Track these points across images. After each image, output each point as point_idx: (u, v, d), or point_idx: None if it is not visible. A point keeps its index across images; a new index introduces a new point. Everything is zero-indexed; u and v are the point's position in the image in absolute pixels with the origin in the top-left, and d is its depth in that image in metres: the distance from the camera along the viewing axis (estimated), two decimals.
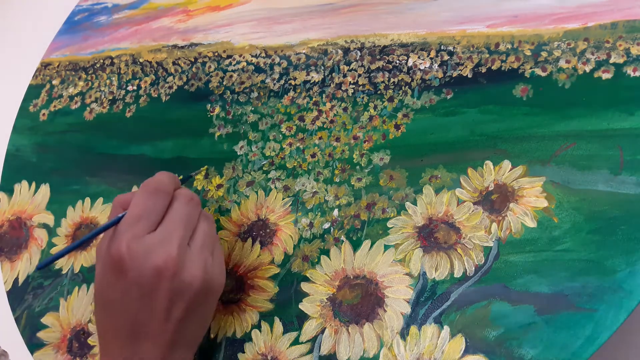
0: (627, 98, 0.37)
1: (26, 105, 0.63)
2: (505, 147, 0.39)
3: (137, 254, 0.35)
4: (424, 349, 0.35)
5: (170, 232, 0.37)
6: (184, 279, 0.36)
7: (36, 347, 0.49)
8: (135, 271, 0.35)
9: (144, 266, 0.35)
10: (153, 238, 0.36)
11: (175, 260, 0.35)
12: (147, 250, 0.35)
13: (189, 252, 0.37)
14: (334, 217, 0.42)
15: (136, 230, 0.36)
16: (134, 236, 0.36)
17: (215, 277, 0.38)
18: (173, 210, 0.38)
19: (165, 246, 0.36)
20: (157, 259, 0.35)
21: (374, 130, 0.44)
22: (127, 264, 0.35)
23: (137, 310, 0.36)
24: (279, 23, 0.53)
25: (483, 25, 0.44)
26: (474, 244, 0.37)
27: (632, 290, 0.32)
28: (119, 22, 0.62)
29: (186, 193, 0.40)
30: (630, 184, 0.35)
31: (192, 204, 0.39)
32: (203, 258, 0.37)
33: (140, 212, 0.37)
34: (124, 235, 0.36)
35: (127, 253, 0.35)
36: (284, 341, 0.39)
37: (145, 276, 0.35)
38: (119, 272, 0.36)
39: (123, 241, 0.36)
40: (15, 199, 0.57)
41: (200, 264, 0.37)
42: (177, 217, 0.38)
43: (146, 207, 0.37)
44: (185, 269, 0.36)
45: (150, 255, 0.35)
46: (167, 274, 0.35)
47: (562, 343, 0.32)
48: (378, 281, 0.38)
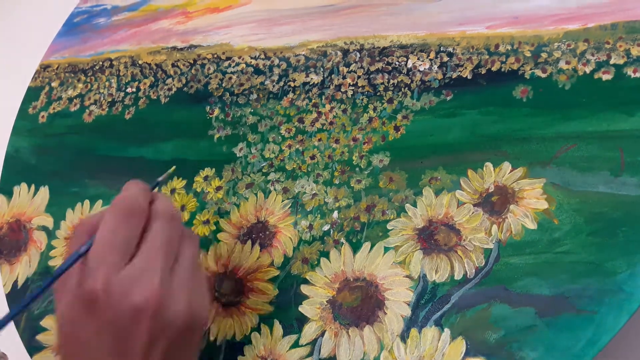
0: (627, 99, 0.37)
1: (25, 107, 0.63)
2: (506, 148, 0.39)
3: (115, 290, 0.31)
4: (425, 351, 0.35)
5: (150, 261, 0.32)
6: (166, 317, 0.31)
7: (35, 349, 0.49)
8: (111, 310, 0.31)
9: (121, 304, 0.31)
10: (131, 270, 0.32)
11: (157, 296, 0.31)
12: (125, 285, 0.31)
13: (172, 284, 0.32)
14: (334, 219, 0.42)
15: (112, 263, 0.31)
16: (110, 269, 0.31)
17: (200, 311, 0.34)
18: (152, 233, 0.33)
19: (146, 279, 0.31)
20: (137, 296, 0.31)
21: (373, 132, 0.44)
22: (101, 301, 0.31)
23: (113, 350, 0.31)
24: (278, 25, 0.53)
25: (483, 27, 0.44)
26: (474, 246, 0.37)
27: (633, 292, 0.32)
28: (118, 24, 0.62)
29: (165, 209, 0.35)
30: (631, 185, 0.34)
31: (174, 223, 0.35)
32: (187, 290, 0.33)
33: (113, 240, 0.32)
34: (100, 269, 0.31)
35: (103, 290, 0.31)
36: (284, 344, 0.39)
37: (122, 316, 0.31)
38: (92, 310, 0.31)
39: (99, 276, 0.31)
40: (14, 202, 0.57)
41: (184, 298, 0.32)
42: (157, 242, 0.33)
43: (119, 233, 0.33)
44: (168, 305, 0.32)
45: (129, 292, 0.31)
46: (147, 314, 0.31)
47: (563, 345, 0.32)
48: (378, 283, 0.38)
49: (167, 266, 0.33)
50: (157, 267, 0.32)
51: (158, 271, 0.32)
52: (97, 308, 0.31)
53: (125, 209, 0.34)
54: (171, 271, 0.33)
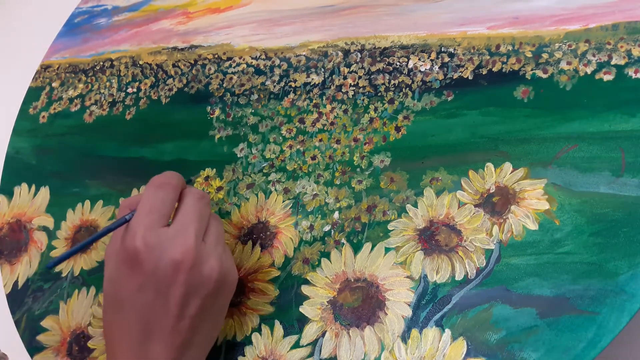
0: (628, 100, 0.37)
1: (26, 108, 0.63)
2: (507, 149, 0.39)
3: (154, 246, 0.35)
4: (426, 352, 0.35)
5: (185, 226, 0.36)
6: (202, 272, 0.35)
7: (36, 350, 0.49)
8: (151, 263, 0.34)
9: (161, 258, 0.34)
10: (168, 231, 0.35)
11: (193, 252, 0.35)
12: (163, 242, 0.35)
13: (204, 246, 0.36)
14: (335, 220, 0.42)
15: (150, 223, 0.35)
16: (148, 229, 0.35)
17: (231, 271, 0.38)
18: (185, 205, 0.38)
19: (181, 239, 0.35)
20: (174, 252, 0.34)
21: (374, 133, 0.44)
22: (142, 256, 0.34)
23: (151, 306, 0.35)
24: (279, 25, 0.53)
25: (484, 27, 0.44)
26: (475, 246, 0.37)
27: (634, 293, 0.32)
28: (118, 24, 0.62)
29: (196, 191, 0.39)
30: (632, 186, 0.34)
31: (204, 201, 0.39)
32: (218, 252, 0.37)
33: (151, 206, 0.36)
34: (139, 229, 0.35)
35: (143, 245, 0.35)
36: (285, 344, 0.39)
37: (162, 269, 0.34)
38: (135, 265, 0.35)
39: (138, 234, 0.35)
40: (15, 202, 0.57)
41: (217, 257, 0.36)
42: (190, 212, 0.37)
43: (156, 200, 0.37)
44: (203, 261, 0.35)
45: (167, 248, 0.35)
46: (185, 266, 0.34)
47: (564, 346, 0.32)
48: (379, 284, 0.38)
49: (200, 231, 0.36)
50: (192, 230, 0.36)
51: (193, 233, 0.36)
52: (138, 263, 0.35)
53: (161, 182, 0.38)
54: (204, 236, 0.37)
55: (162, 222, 0.36)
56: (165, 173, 0.40)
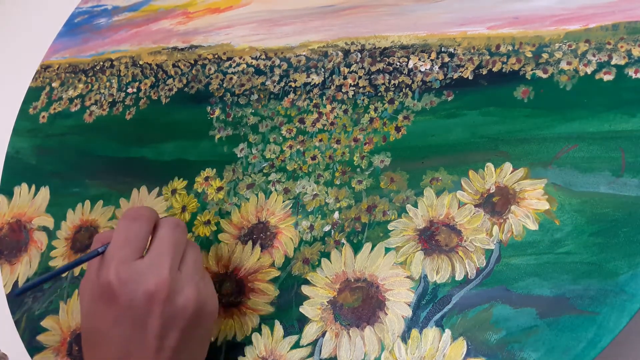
0: (628, 100, 0.37)
1: (26, 108, 0.63)
2: (507, 149, 0.39)
3: (127, 279, 0.34)
4: (426, 352, 0.35)
5: (159, 256, 0.36)
6: (177, 302, 0.35)
7: (36, 350, 0.49)
8: (126, 297, 0.34)
9: (135, 291, 0.34)
10: (142, 263, 0.35)
11: (167, 283, 0.34)
12: (137, 275, 0.35)
13: (180, 276, 0.36)
14: (335, 220, 0.42)
15: (123, 257, 0.35)
16: (121, 262, 0.35)
17: (209, 300, 0.37)
18: (159, 235, 0.37)
19: (155, 270, 0.35)
20: (148, 283, 0.34)
21: (374, 133, 0.44)
22: (117, 290, 0.34)
23: (129, 340, 0.34)
24: (279, 25, 0.53)
25: (484, 27, 0.44)
26: (475, 246, 0.37)
27: (634, 293, 0.32)
28: (118, 24, 0.62)
29: (171, 219, 0.38)
30: (632, 186, 0.34)
31: (179, 229, 0.38)
32: (195, 281, 0.36)
33: (124, 238, 0.36)
34: (112, 263, 0.35)
35: (117, 279, 0.34)
36: (285, 344, 0.39)
37: (137, 301, 0.34)
38: (110, 300, 0.35)
39: (111, 268, 0.35)
40: (15, 202, 0.57)
41: (193, 287, 0.36)
42: (165, 242, 0.37)
43: (130, 232, 0.36)
44: (178, 292, 0.35)
45: (141, 280, 0.34)
46: (159, 297, 0.34)
47: (564, 346, 0.32)
48: (379, 284, 0.38)
49: (175, 261, 0.36)
50: (166, 260, 0.36)
51: (167, 263, 0.35)
52: (113, 297, 0.34)
53: (134, 213, 0.38)
54: (180, 265, 0.37)
55: (135, 255, 0.36)
56: (138, 206, 0.40)
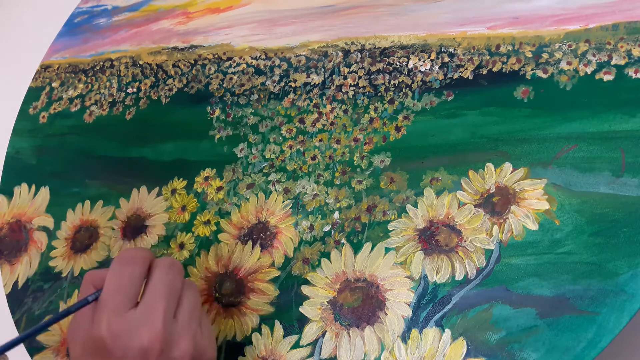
0: (628, 100, 0.37)
1: (26, 108, 0.63)
2: (507, 149, 0.39)
3: (120, 333, 0.33)
4: (426, 352, 0.35)
5: (153, 306, 0.34)
6: (173, 357, 0.33)
7: (36, 350, 0.49)
8: (119, 351, 0.33)
9: (128, 346, 0.33)
10: (135, 314, 0.34)
11: (161, 337, 0.33)
12: (130, 328, 0.33)
13: (175, 326, 0.34)
14: (335, 220, 0.42)
15: (115, 307, 0.34)
16: (114, 314, 0.33)
17: (207, 350, 0.36)
18: (153, 280, 0.36)
19: (149, 322, 0.33)
20: (142, 338, 0.33)
21: (374, 133, 0.44)
22: (109, 345, 0.33)
23: None
24: (279, 25, 0.53)
25: (484, 27, 0.44)
26: (475, 246, 0.37)
27: (634, 293, 0.32)
28: (118, 24, 0.62)
29: (166, 260, 0.37)
30: (632, 186, 0.34)
31: (174, 270, 0.36)
32: (191, 330, 0.35)
33: (117, 286, 0.35)
34: (104, 315, 0.33)
35: (109, 333, 0.33)
36: (285, 344, 0.39)
37: (130, 357, 0.33)
38: (102, 354, 0.33)
39: (103, 321, 0.33)
40: (15, 202, 0.57)
41: (190, 337, 0.34)
42: (159, 288, 0.35)
43: (123, 279, 0.35)
44: (174, 345, 0.34)
45: (135, 334, 0.33)
46: (153, 353, 0.33)
47: (564, 346, 0.32)
48: (379, 284, 0.38)
49: (170, 310, 0.34)
50: (160, 310, 0.34)
51: (161, 314, 0.34)
52: (106, 351, 0.33)
53: (128, 257, 0.36)
54: (176, 311, 0.35)
55: (129, 304, 0.34)
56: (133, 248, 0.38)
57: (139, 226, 0.49)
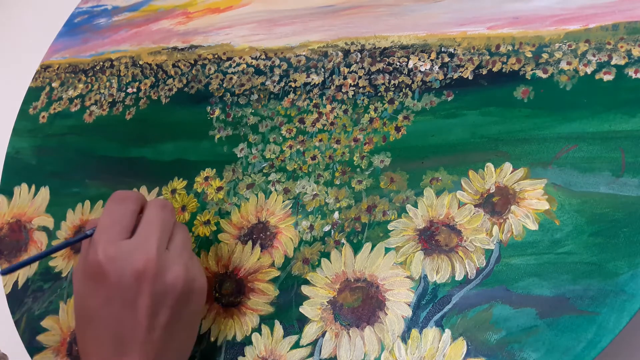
0: (628, 100, 0.37)
1: (26, 108, 0.63)
2: (506, 149, 0.39)
3: (115, 258, 0.35)
4: (426, 352, 0.35)
5: (147, 236, 0.36)
6: (166, 280, 0.35)
7: (36, 350, 0.49)
8: (115, 275, 0.35)
9: (123, 270, 0.35)
10: (130, 243, 0.36)
11: (155, 261, 0.35)
12: (125, 254, 0.35)
13: (168, 254, 0.36)
14: (335, 220, 0.42)
15: (111, 236, 0.36)
16: (109, 242, 0.35)
17: (197, 277, 0.37)
18: (147, 215, 0.38)
19: (143, 249, 0.35)
20: (136, 262, 0.35)
21: (374, 133, 0.44)
22: (105, 268, 0.35)
23: (120, 319, 0.35)
24: (279, 25, 0.53)
25: (484, 27, 0.44)
26: (475, 246, 0.37)
27: (634, 293, 0.32)
28: (118, 24, 0.62)
29: (159, 200, 0.39)
30: (632, 186, 0.34)
31: (167, 210, 0.39)
32: (183, 259, 0.37)
33: (111, 219, 0.37)
34: (100, 243, 0.35)
35: (105, 258, 0.35)
36: (285, 344, 0.39)
37: (126, 280, 0.34)
38: (99, 279, 0.35)
39: (99, 247, 0.35)
40: (15, 202, 0.57)
41: (181, 265, 0.36)
42: (153, 222, 0.37)
43: (117, 213, 0.37)
44: (167, 269, 0.35)
45: (129, 259, 0.35)
46: (148, 275, 0.34)
47: (564, 346, 0.32)
48: (379, 284, 0.38)
49: (162, 240, 0.37)
50: (154, 239, 0.36)
51: (155, 242, 0.36)
52: (102, 276, 0.35)
53: (120, 195, 0.39)
54: (168, 244, 0.37)
55: (123, 235, 0.36)
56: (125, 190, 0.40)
57: None
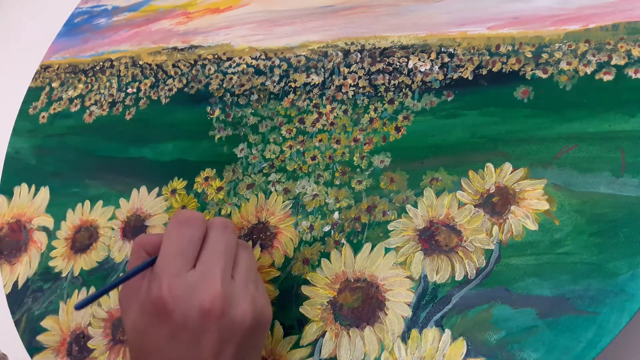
0: (628, 100, 0.37)
1: (26, 108, 0.63)
2: (506, 149, 0.39)
3: (180, 294, 0.33)
4: (425, 352, 0.35)
5: (211, 267, 0.34)
6: (234, 318, 0.33)
7: (36, 350, 0.49)
8: (180, 313, 0.32)
9: (189, 307, 0.32)
10: (194, 275, 0.33)
11: (221, 297, 0.33)
12: (189, 289, 0.33)
13: (234, 286, 0.34)
14: (335, 220, 0.42)
15: (175, 269, 0.33)
16: (173, 276, 0.33)
17: (264, 310, 0.35)
18: (210, 241, 0.35)
19: (208, 283, 0.33)
20: (202, 299, 0.32)
21: (374, 133, 0.44)
22: (170, 306, 0.33)
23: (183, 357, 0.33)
24: (278, 25, 0.53)
25: (484, 27, 0.44)
26: (475, 246, 0.37)
27: (634, 293, 0.32)
28: (118, 24, 0.62)
29: (220, 221, 0.37)
30: (632, 186, 0.34)
31: (228, 231, 0.36)
32: (249, 290, 0.35)
33: (177, 248, 0.34)
34: (164, 277, 0.33)
35: (170, 295, 0.33)
36: (285, 345, 0.39)
37: (191, 318, 0.32)
38: (162, 316, 0.33)
39: (163, 283, 0.33)
40: (14, 202, 0.57)
41: (249, 298, 0.34)
42: (216, 249, 0.35)
43: (181, 241, 0.35)
44: (234, 305, 0.33)
45: (195, 295, 0.33)
46: (215, 313, 0.32)
47: (564, 346, 0.32)
48: (379, 284, 0.38)
49: (227, 270, 0.34)
50: (218, 271, 0.34)
51: (219, 275, 0.33)
52: (166, 313, 0.33)
53: (183, 219, 0.36)
54: (233, 272, 0.35)
55: (187, 266, 0.34)
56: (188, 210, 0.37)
57: (139, 226, 0.49)
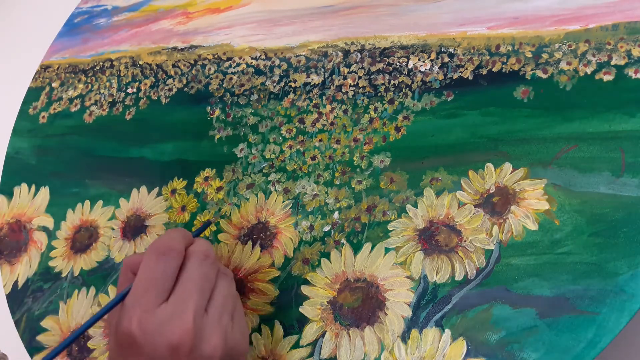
0: (628, 100, 0.37)
1: (26, 108, 0.63)
2: (506, 149, 0.39)
3: (150, 329, 0.32)
4: (425, 352, 0.35)
5: (184, 301, 0.33)
6: (202, 352, 0.32)
7: (36, 350, 0.49)
8: (149, 347, 0.32)
9: (158, 342, 0.32)
10: (165, 310, 0.33)
11: (191, 333, 0.32)
12: (159, 324, 0.32)
13: (206, 320, 0.34)
14: (335, 220, 0.42)
15: (146, 303, 0.33)
16: (144, 310, 0.33)
17: (238, 345, 0.35)
18: (186, 272, 0.35)
19: (179, 318, 0.33)
20: (171, 334, 0.32)
21: (374, 133, 0.44)
22: (140, 341, 0.32)
23: None
24: (278, 25, 0.53)
25: (484, 27, 0.44)
26: (475, 246, 0.37)
27: (634, 293, 0.32)
28: (118, 24, 0.62)
29: (200, 250, 0.36)
30: (632, 186, 0.34)
31: (208, 262, 0.36)
32: (223, 325, 0.34)
33: (149, 280, 0.34)
34: (134, 310, 0.33)
35: (138, 329, 0.32)
36: (285, 345, 0.39)
37: (160, 353, 0.32)
38: (132, 349, 0.33)
39: (133, 317, 0.33)
40: (14, 202, 0.57)
41: (220, 333, 0.34)
42: (192, 281, 0.34)
43: (155, 273, 0.34)
44: (204, 340, 0.33)
45: (164, 330, 0.32)
46: (183, 349, 0.32)
47: (564, 346, 0.32)
48: (379, 284, 0.38)
49: (201, 304, 0.34)
50: (191, 305, 0.33)
51: (191, 310, 0.33)
52: (136, 347, 0.33)
53: (160, 250, 0.35)
54: (208, 305, 0.34)
55: (160, 299, 0.34)
56: (169, 234, 0.37)
57: (139, 226, 0.49)
